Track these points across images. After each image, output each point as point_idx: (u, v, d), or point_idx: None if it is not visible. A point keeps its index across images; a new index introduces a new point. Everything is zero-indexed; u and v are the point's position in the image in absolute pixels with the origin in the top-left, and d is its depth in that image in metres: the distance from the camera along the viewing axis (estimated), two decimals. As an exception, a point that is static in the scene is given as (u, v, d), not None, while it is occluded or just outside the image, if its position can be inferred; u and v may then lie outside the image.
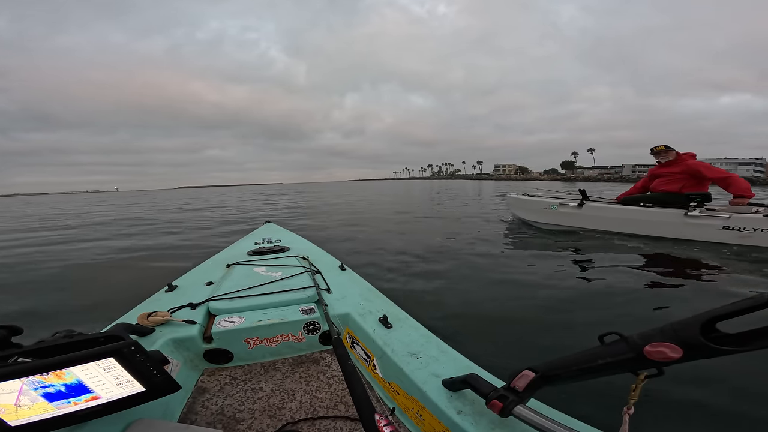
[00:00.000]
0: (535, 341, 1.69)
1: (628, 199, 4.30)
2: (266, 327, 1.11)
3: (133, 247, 4.77)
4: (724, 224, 3.47)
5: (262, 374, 1.05)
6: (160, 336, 1.01)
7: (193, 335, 1.05)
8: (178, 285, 1.45)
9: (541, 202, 5.03)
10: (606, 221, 4.30)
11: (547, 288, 2.48)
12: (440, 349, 0.94)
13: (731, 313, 0.42)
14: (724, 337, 0.43)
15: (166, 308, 1.16)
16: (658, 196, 4.03)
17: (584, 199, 4.54)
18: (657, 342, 0.46)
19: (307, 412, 0.90)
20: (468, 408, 0.71)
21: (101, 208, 15.43)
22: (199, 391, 0.97)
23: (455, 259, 3.46)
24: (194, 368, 1.04)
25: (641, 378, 0.49)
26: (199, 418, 0.87)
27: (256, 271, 1.64)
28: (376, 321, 1.11)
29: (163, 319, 1.07)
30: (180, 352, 1.02)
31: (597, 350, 0.53)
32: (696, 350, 0.43)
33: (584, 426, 0.62)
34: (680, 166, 3.86)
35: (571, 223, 4.66)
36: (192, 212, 9.95)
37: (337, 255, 1.98)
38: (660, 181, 4.05)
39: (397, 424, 0.83)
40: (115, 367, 0.61)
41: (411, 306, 1.31)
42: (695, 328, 0.43)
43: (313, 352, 1.15)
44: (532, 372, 0.61)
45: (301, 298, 1.27)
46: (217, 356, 1.08)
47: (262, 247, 2.19)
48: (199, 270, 1.76)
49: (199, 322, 1.10)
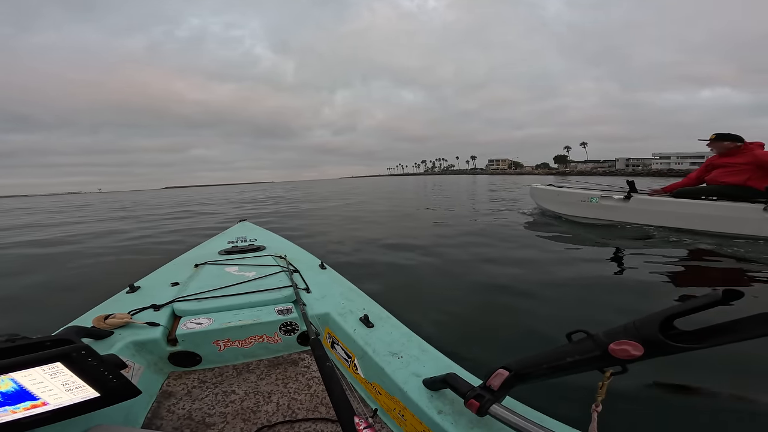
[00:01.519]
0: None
1: (683, 192, 3.88)
2: (237, 328, 1.07)
3: (91, 247, 4.55)
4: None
5: (235, 377, 1.02)
6: (119, 339, 0.97)
7: (156, 338, 1.01)
8: (141, 286, 1.39)
9: (578, 194, 4.63)
10: (660, 216, 3.85)
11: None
12: (421, 348, 0.93)
13: (687, 311, 0.42)
14: (682, 335, 0.44)
15: (126, 310, 1.11)
16: (720, 189, 3.59)
17: (632, 191, 4.14)
18: (621, 340, 0.46)
19: (284, 414, 0.87)
20: (448, 407, 0.71)
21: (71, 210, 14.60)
22: (165, 395, 0.94)
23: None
24: (158, 372, 1.00)
25: (607, 375, 0.50)
26: (165, 423, 0.84)
27: (228, 270, 1.58)
28: (357, 320, 1.09)
29: (122, 321, 1.02)
30: (142, 356, 0.98)
31: (565, 348, 0.54)
32: (656, 348, 0.43)
33: (557, 423, 0.63)
34: (746, 156, 3.46)
35: (615, 217, 4.23)
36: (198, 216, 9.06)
37: (342, 256, 1.95)
38: (721, 172, 3.61)
39: (379, 425, 0.82)
40: (64, 372, 0.59)
41: (414, 303, 1.29)
42: (655, 326, 0.43)
43: (291, 353, 1.12)
44: (506, 370, 0.61)
45: (277, 298, 1.24)
46: (184, 359, 1.04)
47: (235, 246, 2.10)
48: (164, 270, 1.69)
49: (162, 324, 1.06)
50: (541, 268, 2.74)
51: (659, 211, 3.88)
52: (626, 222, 4.13)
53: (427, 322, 1.82)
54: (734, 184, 3.52)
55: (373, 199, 11.29)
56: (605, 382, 0.50)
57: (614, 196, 4.23)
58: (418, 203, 9.08)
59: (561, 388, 0.88)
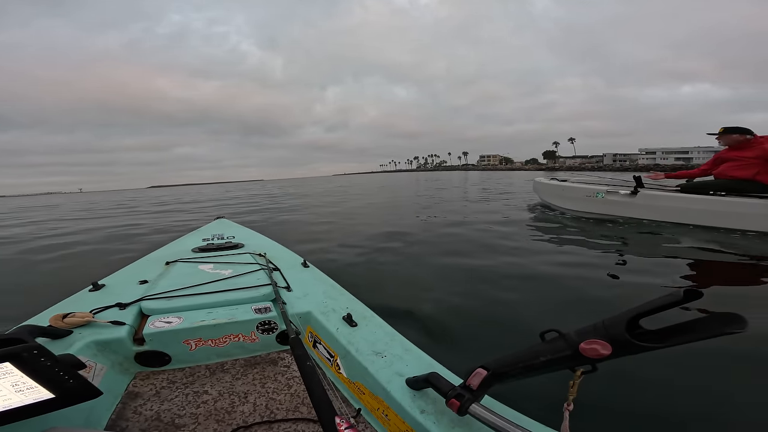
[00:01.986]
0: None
1: (690, 186, 3.85)
2: (210, 327, 1.04)
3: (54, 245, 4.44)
4: None
5: (207, 377, 1.00)
6: (79, 338, 0.94)
7: (121, 337, 0.98)
8: (106, 284, 1.35)
9: (584, 189, 4.61)
10: (668, 211, 3.83)
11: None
12: (404, 348, 0.94)
13: (651, 310, 0.43)
14: (647, 334, 0.45)
15: (89, 309, 1.08)
16: (729, 183, 3.56)
17: (638, 186, 4.13)
18: (591, 339, 0.47)
19: (262, 415, 0.86)
20: (430, 407, 0.71)
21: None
22: (131, 396, 0.91)
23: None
24: (124, 372, 0.97)
25: (578, 374, 0.50)
26: (130, 425, 0.82)
27: (201, 268, 1.54)
28: (340, 319, 1.09)
29: (82, 320, 0.99)
30: (105, 356, 0.95)
31: (539, 347, 0.54)
32: (623, 347, 0.44)
33: (532, 422, 0.64)
34: (756, 150, 3.41)
35: (622, 212, 4.23)
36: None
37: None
38: (729, 166, 3.57)
39: (363, 425, 0.82)
40: (13, 373, 0.57)
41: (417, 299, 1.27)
42: (622, 325, 0.44)
43: (270, 353, 1.11)
44: (484, 370, 0.62)
45: (254, 296, 1.21)
46: (152, 359, 1.01)
47: (210, 243, 2.03)
48: (132, 268, 1.63)
49: (128, 323, 1.03)
50: (547, 263, 2.76)
51: (667, 207, 3.86)
52: (633, 217, 4.13)
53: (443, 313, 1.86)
54: (743, 179, 3.48)
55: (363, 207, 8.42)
56: (576, 381, 0.51)
57: (620, 192, 4.22)
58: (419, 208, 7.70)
59: (537, 386, 0.90)
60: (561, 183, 5.16)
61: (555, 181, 5.28)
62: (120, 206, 13.06)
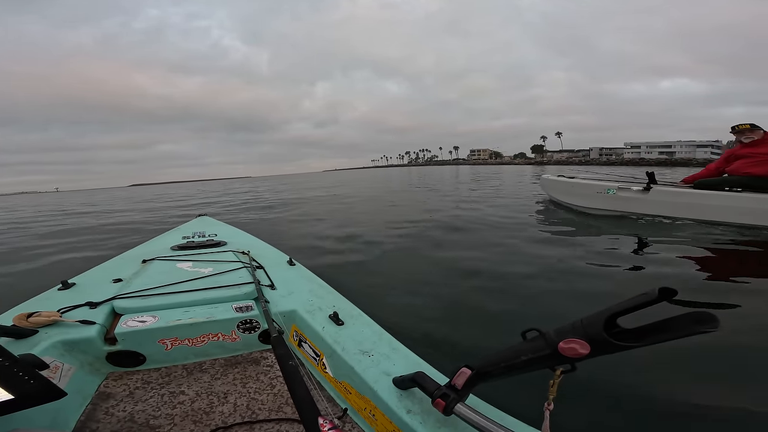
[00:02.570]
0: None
1: (705, 183, 3.87)
2: (187, 326, 1.02)
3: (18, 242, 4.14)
4: None
5: (184, 377, 0.97)
6: (45, 338, 0.91)
7: (91, 336, 0.95)
8: (76, 283, 1.31)
9: (594, 186, 4.60)
10: (682, 207, 3.82)
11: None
12: (391, 347, 0.93)
13: (627, 309, 0.43)
14: (624, 333, 0.45)
15: (56, 308, 1.04)
16: (744, 180, 3.58)
17: (651, 182, 4.12)
18: (569, 338, 0.47)
19: (243, 416, 0.84)
20: (417, 407, 0.71)
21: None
22: (102, 396, 0.88)
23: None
24: (94, 372, 0.94)
25: (557, 374, 0.50)
26: (101, 427, 0.79)
27: (180, 266, 1.51)
28: (327, 318, 1.07)
29: (48, 319, 0.96)
30: (73, 356, 0.92)
31: (520, 347, 0.54)
32: (601, 346, 0.44)
33: (516, 422, 0.64)
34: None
35: (634, 209, 4.20)
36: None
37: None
38: (743, 163, 3.61)
39: (350, 425, 0.82)
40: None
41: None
42: (599, 324, 0.44)
43: (252, 352, 1.09)
44: (468, 369, 0.62)
45: (235, 294, 1.19)
46: (125, 359, 0.98)
47: (190, 241, 1.98)
48: (105, 266, 1.58)
49: (99, 322, 1.00)
50: (564, 260, 2.79)
51: (681, 203, 3.84)
52: (645, 214, 4.10)
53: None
54: (759, 176, 3.48)
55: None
56: (556, 381, 0.51)
57: (633, 188, 4.20)
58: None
59: (520, 385, 0.90)
60: (569, 180, 5.13)
61: (563, 178, 5.27)
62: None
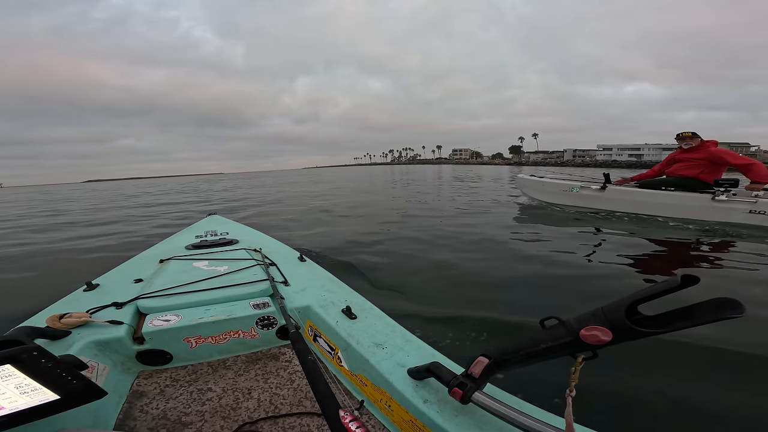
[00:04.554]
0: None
1: (647, 183, 4.58)
2: (209, 324, 1.04)
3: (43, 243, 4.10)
4: (751, 208, 3.71)
5: (210, 374, 0.99)
6: (78, 339, 0.92)
7: (120, 336, 0.97)
8: (100, 284, 1.32)
9: (561, 185, 5.30)
10: (630, 204, 4.53)
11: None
12: (405, 338, 0.95)
13: (650, 296, 0.44)
14: (646, 320, 0.47)
15: (85, 309, 1.05)
16: (676, 181, 4.25)
17: (607, 182, 4.79)
18: (590, 326, 0.48)
19: (267, 410, 0.86)
20: (433, 396, 0.73)
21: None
22: (136, 395, 0.90)
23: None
24: (127, 371, 0.96)
25: (579, 361, 0.52)
26: (138, 424, 0.81)
27: (196, 266, 1.52)
28: (340, 312, 1.09)
29: (79, 320, 0.97)
30: (107, 355, 0.93)
31: (539, 335, 0.56)
32: (623, 333, 0.45)
33: (535, 409, 0.66)
34: (702, 153, 4.08)
35: (592, 205, 4.90)
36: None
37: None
38: (679, 166, 4.27)
39: (367, 416, 0.83)
40: (15, 375, 0.56)
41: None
42: (621, 311, 0.45)
43: (270, 348, 1.10)
44: (486, 358, 0.63)
45: (252, 292, 1.21)
46: (153, 357, 1.00)
47: (204, 240, 2.01)
48: (125, 267, 1.60)
49: (126, 322, 1.02)
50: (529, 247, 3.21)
51: (629, 200, 4.54)
52: (602, 209, 4.78)
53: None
54: (689, 177, 4.16)
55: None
56: (578, 368, 0.52)
57: (592, 187, 4.88)
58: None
59: (538, 374, 0.94)
60: (541, 179, 5.81)
61: (535, 178, 5.96)
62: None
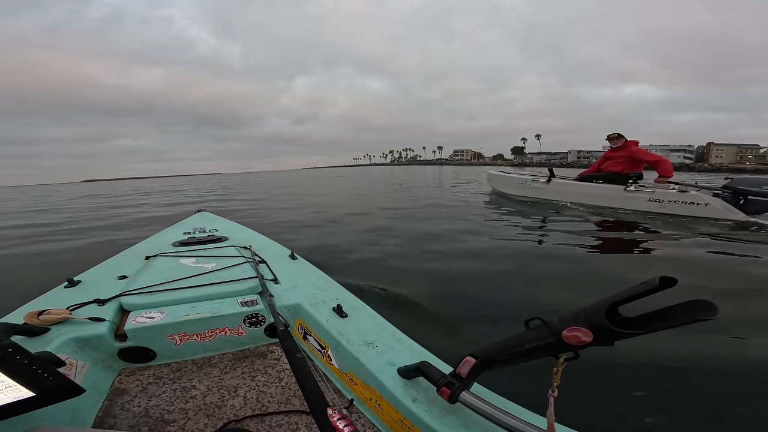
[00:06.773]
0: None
1: (585, 177, 5.52)
2: (195, 322, 1.03)
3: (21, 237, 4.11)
4: (650, 197, 4.58)
5: (195, 372, 0.99)
6: (57, 336, 0.91)
7: (102, 333, 0.96)
8: (82, 280, 1.31)
9: (518, 178, 6.36)
10: (567, 194, 5.51)
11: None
12: (395, 337, 0.95)
13: (629, 298, 0.45)
14: (626, 321, 0.47)
15: (65, 305, 1.04)
16: (605, 175, 5.18)
17: (551, 176, 5.81)
18: (572, 326, 0.48)
19: (253, 408, 0.85)
20: (422, 396, 0.73)
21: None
22: (117, 392, 0.89)
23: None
24: (107, 369, 0.95)
25: (561, 361, 0.52)
26: (119, 422, 0.80)
27: (183, 262, 1.51)
28: (330, 311, 1.09)
29: (58, 317, 0.96)
30: (86, 353, 0.93)
31: (524, 335, 0.56)
32: (603, 334, 0.46)
33: (519, 408, 0.66)
34: (625, 151, 4.94)
35: (541, 195, 5.86)
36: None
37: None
38: (609, 163, 5.17)
39: (356, 415, 0.83)
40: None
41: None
42: (601, 312, 0.46)
43: (259, 346, 1.10)
44: (473, 358, 0.64)
45: (240, 289, 1.20)
46: (136, 355, 0.99)
47: (191, 237, 1.99)
48: (109, 263, 1.59)
49: (108, 319, 1.01)
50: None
51: (568, 191, 5.53)
52: (549, 199, 5.77)
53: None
54: (615, 172, 5.04)
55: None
56: (560, 368, 0.52)
57: (540, 180, 5.88)
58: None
59: (524, 373, 0.95)
60: (505, 174, 6.94)
61: (501, 173, 7.07)
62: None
